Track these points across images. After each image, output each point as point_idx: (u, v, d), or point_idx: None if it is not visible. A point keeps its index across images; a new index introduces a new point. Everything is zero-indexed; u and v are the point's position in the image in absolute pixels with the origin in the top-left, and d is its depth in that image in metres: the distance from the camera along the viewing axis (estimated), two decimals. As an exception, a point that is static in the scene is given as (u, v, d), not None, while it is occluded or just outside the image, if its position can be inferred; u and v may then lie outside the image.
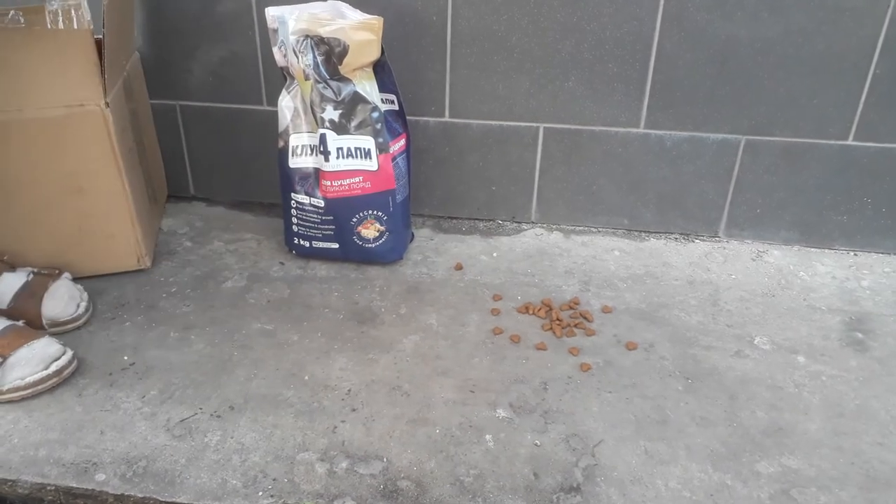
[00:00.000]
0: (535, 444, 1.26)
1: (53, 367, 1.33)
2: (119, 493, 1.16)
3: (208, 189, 2.01)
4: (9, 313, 1.44)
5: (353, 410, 1.32)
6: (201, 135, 1.93)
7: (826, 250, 1.81)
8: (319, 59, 1.50)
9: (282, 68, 1.60)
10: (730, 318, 1.56)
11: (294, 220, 1.69)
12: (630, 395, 1.36)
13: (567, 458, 1.23)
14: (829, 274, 1.72)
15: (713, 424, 1.30)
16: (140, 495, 1.16)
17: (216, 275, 1.68)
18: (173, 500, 1.15)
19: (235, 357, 1.44)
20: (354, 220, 1.65)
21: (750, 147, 1.72)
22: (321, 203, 1.63)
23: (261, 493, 1.16)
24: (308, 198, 1.65)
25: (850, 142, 1.68)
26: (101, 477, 1.18)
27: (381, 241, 1.68)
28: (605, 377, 1.40)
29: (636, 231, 1.88)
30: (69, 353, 1.36)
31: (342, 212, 1.64)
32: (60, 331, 1.48)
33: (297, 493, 1.16)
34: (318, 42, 1.49)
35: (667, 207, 1.83)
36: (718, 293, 1.65)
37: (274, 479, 1.18)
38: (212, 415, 1.30)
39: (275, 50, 1.57)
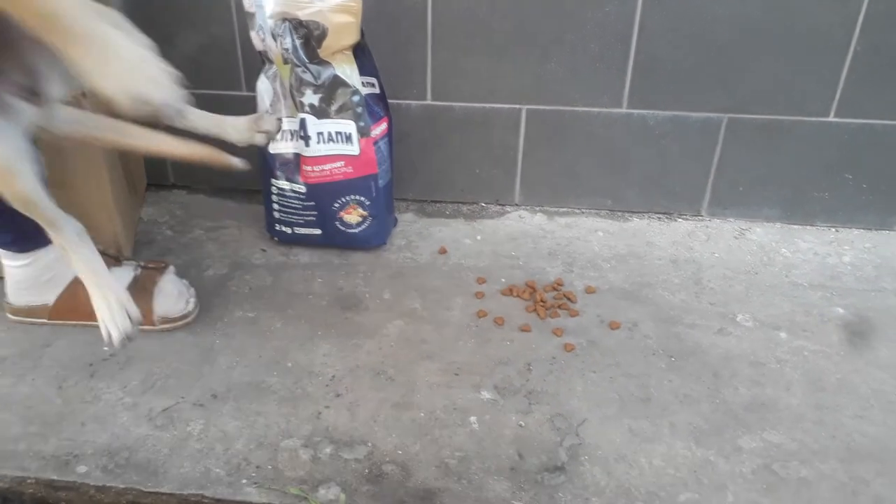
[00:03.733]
0: (520, 425, 1.26)
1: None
2: (101, 485, 1.15)
3: (188, 177, 1.99)
4: None
5: (338, 396, 1.32)
6: (180, 122, 1.90)
7: (808, 227, 1.81)
8: (298, 42, 1.48)
9: (260, 52, 1.58)
10: (713, 296, 1.57)
11: (275, 206, 1.68)
12: (614, 374, 1.37)
13: (551, 438, 1.23)
14: (810, 250, 1.73)
15: (696, 401, 1.31)
16: (122, 486, 1.15)
17: (197, 263, 1.67)
18: (156, 490, 1.14)
19: (217, 345, 1.43)
20: (336, 205, 1.63)
21: (732, 125, 1.72)
22: (302, 189, 1.62)
23: (245, 481, 1.16)
24: (289, 184, 1.63)
25: (830, 118, 1.69)
26: (82, 469, 1.17)
27: (364, 227, 1.67)
28: (588, 357, 1.41)
29: (619, 211, 1.87)
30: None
31: (324, 197, 1.63)
32: (171, 327, 1.46)
33: (282, 479, 1.16)
34: (297, 25, 1.47)
35: (650, 187, 1.83)
36: (701, 271, 1.65)
37: (258, 467, 1.18)
38: (194, 404, 1.30)
39: (252, 34, 1.55)
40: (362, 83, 1.56)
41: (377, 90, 1.62)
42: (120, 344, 1.21)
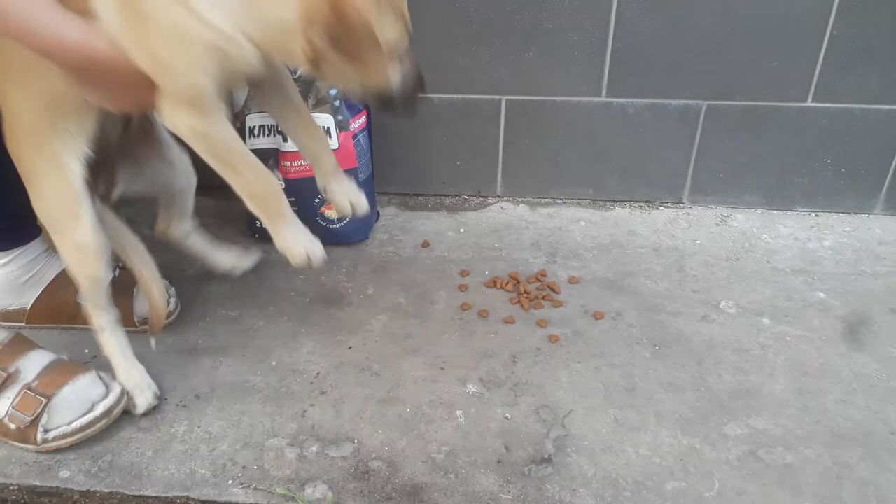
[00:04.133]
0: (506, 418, 1.26)
1: (101, 408, 1.21)
2: (84, 490, 1.14)
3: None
4: None
5: (322, 393, 1.31)
6: (156, 119, 1.88)
7: (788, 212, 1.82)
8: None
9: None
10: (695, 284, 1.57)
11: (255, 203, 1.66)
12: (598, 364, 1.37)
13: (538, 430, 1.23)
14: (791, 235, 1.74)
15: (681, 390, 1.31)
16: (106, 490, 1.14)
17: (178, 262, 1.64)
18: (141, 493, 1.13)
19: (200, 345, 1.41)
20: (317, 200, 1.62)
21: (711, 112, 1.73)
22: (282, 184, 1.60)
23: (230, 482, 1.15)
24: (268, 180, 1.61)
25: (808, 103, 1.69)
26: (65, 474, 1.16)
27: (345, 221, 1.66)
28: (573, 348, 1.41)
29: (601, 200, 1.87)
30: (116, 390, 1.24)
31: (304, 192, 1.61)
32: None
33: (268, 479, 1.15)
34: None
35: (631, 176, 1.83)
36: (684, 259, 1.65)
37: (243, 467, 1.17)
38: (177, 405, 1.28)
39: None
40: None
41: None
42: (145, 412, 1.26)
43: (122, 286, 1.42)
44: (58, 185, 1.12)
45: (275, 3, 0.91)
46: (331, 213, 1.64)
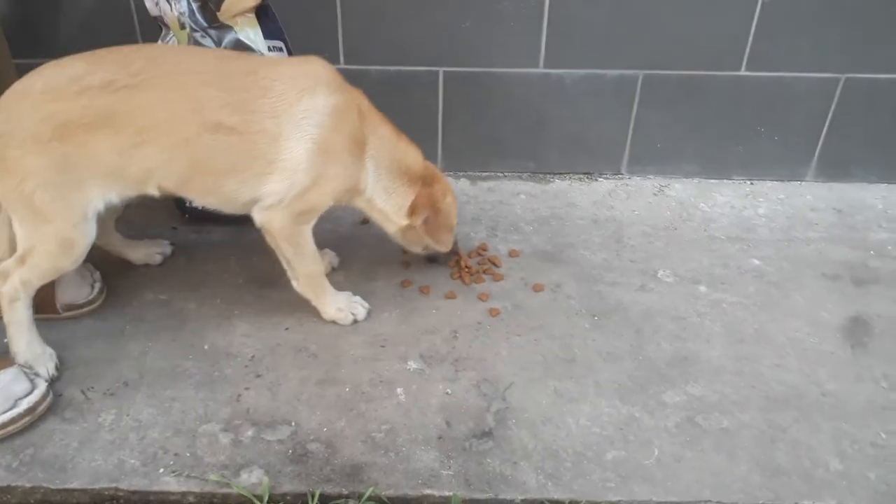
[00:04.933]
0: (447, 393, 1.24)
1: (25, 405, 1.15)
2: (5, 485, 1.08)
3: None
4: None
5: (258, 377, 1.27)
6: (77, 96, 1.78)
7: (725, 181, 1.84)
8: (195, 5, 1.39)
9: (155, 17, 1.48)
10: (633, 254, 1.58)
11: (184, 181, 1.60)
12: (538, 336, 1.36)
13: (478, 404, 1.22)
14: (727, 204, 1.76)
15: (620, 359, 1.31)
16: (28, 485, 1.08)
17: (104, 245, 1.57)
18: (65, 486, 1.08)
19: (128, 330, 1.36)
20: (250, 177, 1.57)
21: (648, 82, 1.72)
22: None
23: (162, 470, 1.10)
24: (197, 157, 1.56)
25: (742, 72, 1.70)
26: (-17, 469, 1.10)
27: (280, 199, 1.61)
28: (513, 321, 1.40)
29: (541, 173, 1.86)
30: (41, 387, 1.18)
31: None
32: (77, 314, 1.37)
33: (201, 466, 1.11)
34: (191, -13, 1.39)
35: (570, 148, 1.83)
36: (622, 230, 1.66)
37: (175, 455, 1.13)
38: (104, 393, 1.23)
39: (146, -1, 1.45)
40: (269, 47, 1.48)
41: (285, 54, 1.55)
42: (49, 380, 1.24)
43: None
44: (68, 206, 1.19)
45: (401, 192, 1.37)
46: (264, 191, 1.59)
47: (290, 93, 1.22)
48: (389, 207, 1.38)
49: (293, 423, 1.18)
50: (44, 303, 1.34)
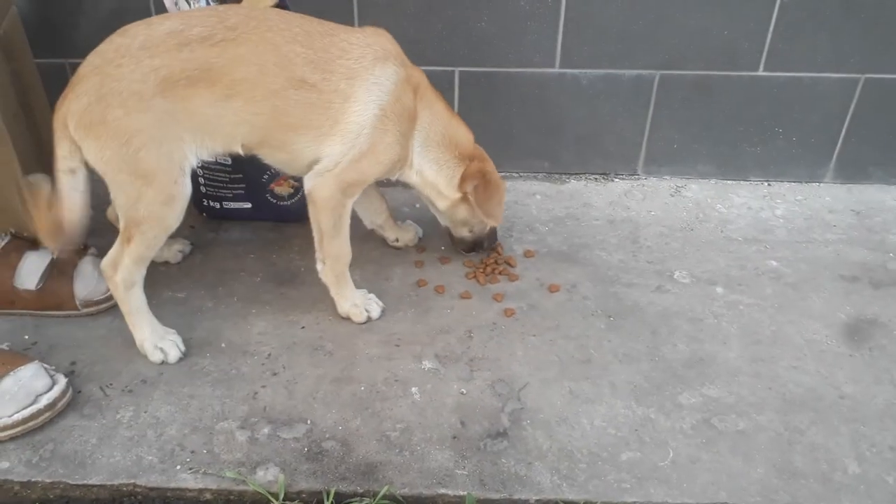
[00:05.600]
0: (462, 393, 1.25)
1: (45, 401, 1.16)
2: (25, 481, 1.10)
3: (110, 153, 1.89)
4: (39, 296, 1.34)
5: (274, 374, 1.28)
6: (96, 95, 1.80)
7: (741, 182, 1.83)
8: (213, 4, 1.40)
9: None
10: (650, 255, 1.57)
11: (201, 179, 1.61)
12: (554, 336, 1.36)
13: (493, 404, 1.22)
14: (744, 205, 1.75)
15: (636, 360, 1.31)
16: (48, 480, 1.10)
17: (122, 243, 1.59)
18: (84, 482, 1.09)
19: (146, 328, 1.37)
20: (266, 176, 1.58)
21: (664, 82, 1.72)
22: (227, 160, 1.55)
23: (179, 467, 1.11)
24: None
25: (760, 72, 1.69)
26: (4, 465, 1.11)
27: (296, 199, 1.62)
28: (528, 321, 1.40)
29: (556, 174, 1.86)
30: (62, 382, 1.19)
31: (252, 168, 1.56)
32: (96, 310, 1.38)
33: (218, 463, 1.12)
34: (212, -11, 1.40)
35: (586, 148, 1.82)
36: (638, 230, 1.65)
37: (192, 452, 1.14)
38: (123, 390, 1.24)
39: (165, -1, 1.47)
40: (286, 48, 1.49)
41: (303, 55, 1.55)
42: (177, 360, 1.30)
43: (62, 268, 1.37)
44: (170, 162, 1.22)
45: (451, 165, 1.41)
46: (280, 190, 1.60)
47: (366, 58, 1.29)
48: (441, 180, 1.42)
49: (309, 422, 1.19)
50: (62, 299, 1.36)
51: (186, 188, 1.25)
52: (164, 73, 1.17)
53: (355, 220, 1.67)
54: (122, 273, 1.25)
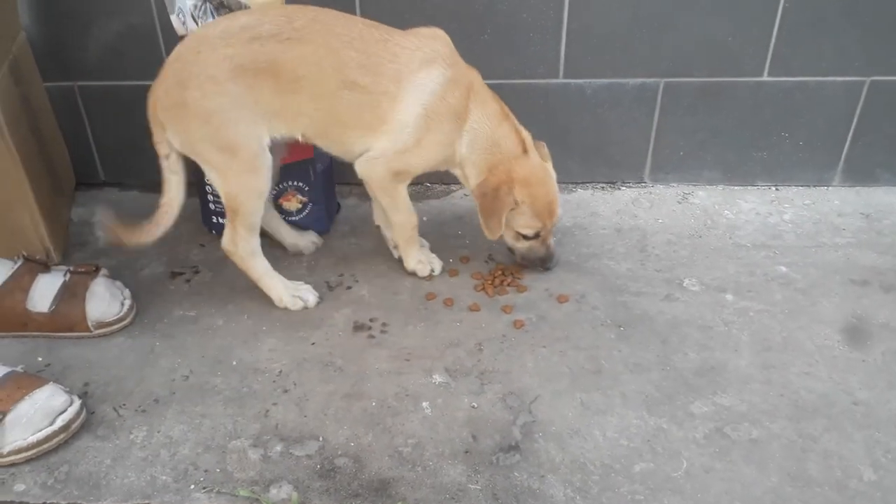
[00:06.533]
0: (473, 407, 1.25)
1: (60, 422, 1.17)
2: (41, 503, 1.10)
3: (119, 173, 1.91)
4: (52, 318, 1.36)
5: (285, 392, 1.28)
6: (105, 115, 1.82)
7: (749, 187, 1.83)
8: (218, 17, 1.42)
9: (182, 37, 1.50)
10: (658, 263, 1.57)
11: (210, 196, 1.62)
12: (564, 347, 1.36)
13: (505, 417, 1.22)
14: (752, 210, 1.75)
15: (647, 370, 1.31)
16: (64, 502, 1.10)
17: (132, 263, 1.60)
18: (99, 503, 1.10)
19: (158, 347, 1.38)
20: (274, 192, 1.59)
21: (669, 89, 1.72)
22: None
23: (192, 487, 1.12)
24: (223, 174, 1.58)
25: (764, 78, 1.69)
26: (20, 487, 1.12)
27: (304, 213, 1.63)
28: (538, 332, 1.40)
29: (563, 183, 1.85)
30: (76, 404, 1.21)
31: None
32: (108, 331, 1.40)
33: (231, 482, 1.13)
34: (218, 6, 1.42)
35: (592, 157, 1.82)
36: (646, 238, 1.65)
37: (206, 471, 1.14)
38: (136, 410, 1.25)
39: (173, 18, 1.48)
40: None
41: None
42: (316, 302, 1.47)
43: (74, 289, 1.38)
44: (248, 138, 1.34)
45: (486, 166, 1.44)
46: (288, 205, 1.61)
47: (413, 62, 1.36)
48: (474, 181, 1.46)
49: (321, 438, 1.19)
50: (75, 321, 1.37)
51: (268, 161, 1.36)
52: (237, 60, 1.29)
53: (363, 233, 1.69)
54: (241, 245, 1.41)
